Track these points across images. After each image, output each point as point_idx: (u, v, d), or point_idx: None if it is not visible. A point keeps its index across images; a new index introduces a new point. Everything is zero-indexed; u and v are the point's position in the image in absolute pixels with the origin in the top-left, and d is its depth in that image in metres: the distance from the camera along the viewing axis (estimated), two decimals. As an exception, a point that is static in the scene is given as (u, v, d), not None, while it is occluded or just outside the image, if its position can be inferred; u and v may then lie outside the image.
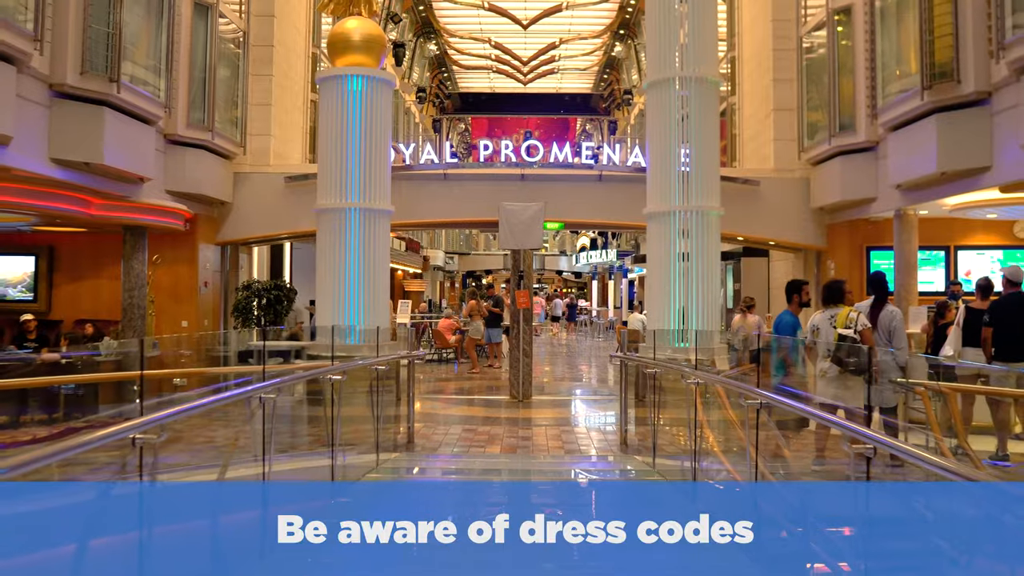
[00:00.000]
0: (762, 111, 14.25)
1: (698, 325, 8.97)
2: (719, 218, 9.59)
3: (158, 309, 12.16)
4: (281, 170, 13.37)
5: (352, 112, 9.91)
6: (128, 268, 10.87)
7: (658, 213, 9.63)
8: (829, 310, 7.49)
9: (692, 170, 9.22)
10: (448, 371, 17.28)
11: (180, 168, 11.58)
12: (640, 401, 10.19)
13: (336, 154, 10.00)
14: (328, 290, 9.94)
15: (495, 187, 13.20)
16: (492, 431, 9.88)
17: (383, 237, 10.33)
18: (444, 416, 11.37)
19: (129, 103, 9.47)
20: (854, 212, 12.19)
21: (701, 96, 9.27)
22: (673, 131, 9.26)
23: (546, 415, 11.40)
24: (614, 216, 13.50)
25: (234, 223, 13.26)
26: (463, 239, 42.49)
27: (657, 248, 9.75)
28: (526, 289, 12.66)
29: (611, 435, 9.68)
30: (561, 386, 15.25)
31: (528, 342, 12.50)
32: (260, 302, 12.80)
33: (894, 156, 10.38)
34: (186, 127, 11.45)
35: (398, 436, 9.47)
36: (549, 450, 8.78)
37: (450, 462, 8.30)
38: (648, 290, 10.37)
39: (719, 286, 9.75)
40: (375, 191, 10.08)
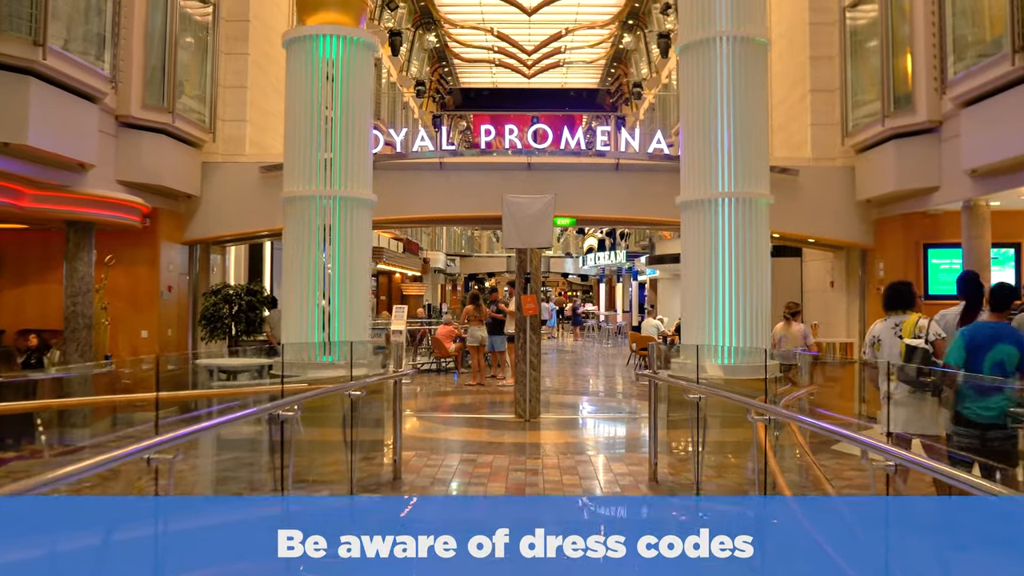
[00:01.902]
0: (795, 94, 12.70)
1: (744, 336, 7.42)
2: (768, 207, 8.03)
3: (114, 317, 10.63)
4: (257, 159, 11.82)
5: (325, 80, 8.27)
6: (71, 270, 9.34)
7: (695, 202, 8.06)
8: (892, 317, 6.03)
9: (736, 150, 7.65)
10: (447, 382, 15.79)
11: (135, 155, 10.05)
12: (672, 426, 8.68)
13: (306, 132, 8.37)
14: (295, 296, 8.29)
15: (498, 177, 11.66)
16: (495, 462, 8.34)
17: (363, 231, 8.66)
18: (439, 441, 9.83)
19: (61, 73, 7.94)
20: (909, 204, 10.62)
21: (747, 60, 7.72)
22: (713, 103, 7.70)
23: (557, 440, 9.87)
24: (633, 210, 11.93)
25: (203, 219, 11.72)
26: (465, 240, 41.05)
27: (694, 243, 8.18)
28: (533, 294, 11.11)
29: (636, 467, 8.12)
30: (571, 401, 13.70)
31: (536, 354, 10.95)
32: (231, 309, 11.28)
33: (968, 136, 8.82)
34: (141, 108, 9.93)
35: (382, 470, 7.94)
36: (564, 488, 7.23)
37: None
38: (683, 294, 8.81)
39: (769, 289, 8.19)
40: (354, 176, 8.44)
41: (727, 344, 7.57)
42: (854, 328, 11.99)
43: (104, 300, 10.32)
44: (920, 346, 5.56)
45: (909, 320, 5.79)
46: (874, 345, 6.01)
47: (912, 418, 5.55)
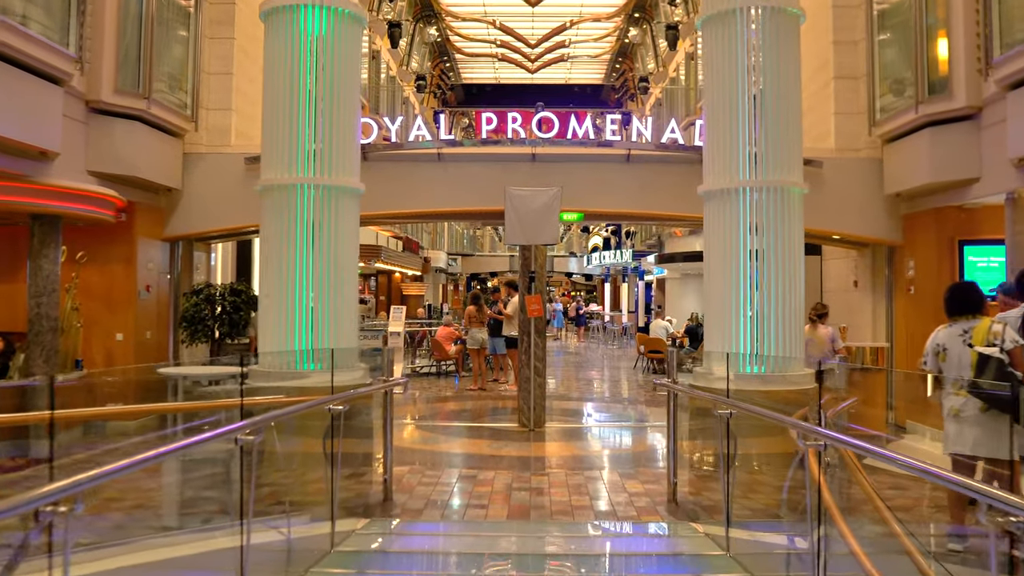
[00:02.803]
0: (817, 81, 11.90)
1: (776, 342, 6.63)
2: (802, 198, 7.24)
3: (87, 319, 9.87)
4: (244, 150, 11.05)
5: (308, 57, 7.47)
6: (36, 268, 8.57)
7: (719, 191, 7.26)
8: (959, 323, 5.26)
9: (767, 133, 6.86)
10: (447, 386, 15.04)
11: (108, 144, 9.29)
12: (687, 436, 7.90)
13: (286, 113, 7.55)
14: (274, 296, 7.46)
15: (500, 169, 10.89)
16: (496, 479, 7.59)
17: (350, 224, 7.83)
18: (436, 454, 9.07)
19: (15, 49, 7.17)
20: (944, 198, 9.82)
21: (778, 32, 6.92)
22: (741, 81, 6.90)
23: (564, 452, 9.11)
24: (644, 205, 11.14)
25: (185, 214, 10.96)
26: (467, 239, 40.31)
27: (718, 238, 7.38)
28: (538, 294, 10.35)
29: (652, 484, 7.37)
30: (576, 407, 12.94)
31: (540, 359, 10.20)
32: (214, 311, 10.52)
33: (1015, 121, 8.03)
34: (113, 93, 9.16)
35: (371, 489, 7.18)
36: (573, 512, 6.48)
37: (437, 538, 6.00)
38: (705, 294, 8.02)
39: (803, 288, 7.39)
40: (339, 163, 7.62)
41: (756, 351, 6.78)
42: (880, 331, 11.21)
43: (76, 301, 9.56)
44: (995, 355, 4.78)
45: (981, 326, 5.02)
46: (938, 354, 5.24)
47: (983, 439, 4.79)
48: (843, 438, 3.43)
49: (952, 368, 5.09)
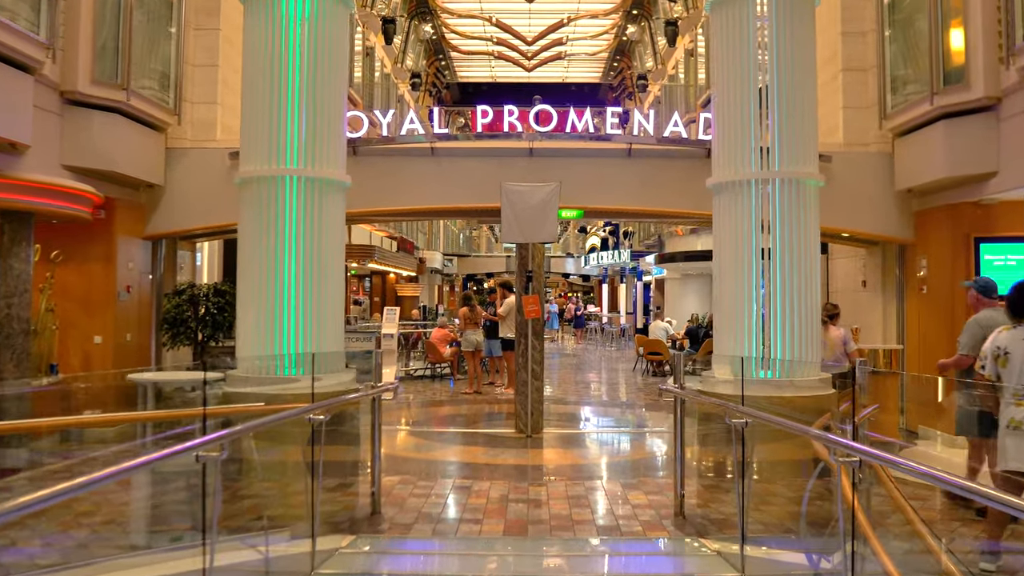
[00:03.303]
0: (825, 74, 11.46)
1: (791, 344, 6.21)
2: (818, 191, 6.81)
3: (64, 321, 9.42)
4: (230, 145, 10.61)
5: (290, 40, 6.97)
6: (6, 268, 8.11)
7: (730, 183, 6.84)
8: None
9: (780, 122, 6.44)
10: (442, 390, 14.61)
11: (84, 137, 8.85)
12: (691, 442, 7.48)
13: (266, 100, 7.08)
14: (252, 296, 7.01)
15: (496, 164, 10.46)
16: (492, 489, 7.15)
17: (334, 219, 7.37)
18: (429, 463, 8.63)
19: (-20, 34, 6.75)
20: (959, 193, 9.41)
21: (792, 14, 6.50)
22: (752, 67, 6.48)
23: (562, 460, 8.69)
24: (646, 201, 10.71)
25: (168, 211, 10.51)
26: (463, 239, 39.89)
27: (729, 232, 6.96)
28: (535, 294, 9.92)
29: (656, 496, 6.94)
30: (575, 412, 12.51)
31: (538, 362, 9.77)
32: (197, 312, 10.08)
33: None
34: (90, 83, 8.72)
35: (358, 502, 6.74)
36: (574, 527, 6.05)
37: (428, 558, 5.55)
38: (715, 293, 7.58)
39: (819, 287, 6.96)
40: (324, 154, 7.15)
41: (770, 354, 6.35)
42: (891, 332, 10.80)
43: (51, 302, 9.12)
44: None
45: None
46: (998, 359, 4.76)
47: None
48: (887, 456, 3.01)
49: (1014, 375, 4.64)
